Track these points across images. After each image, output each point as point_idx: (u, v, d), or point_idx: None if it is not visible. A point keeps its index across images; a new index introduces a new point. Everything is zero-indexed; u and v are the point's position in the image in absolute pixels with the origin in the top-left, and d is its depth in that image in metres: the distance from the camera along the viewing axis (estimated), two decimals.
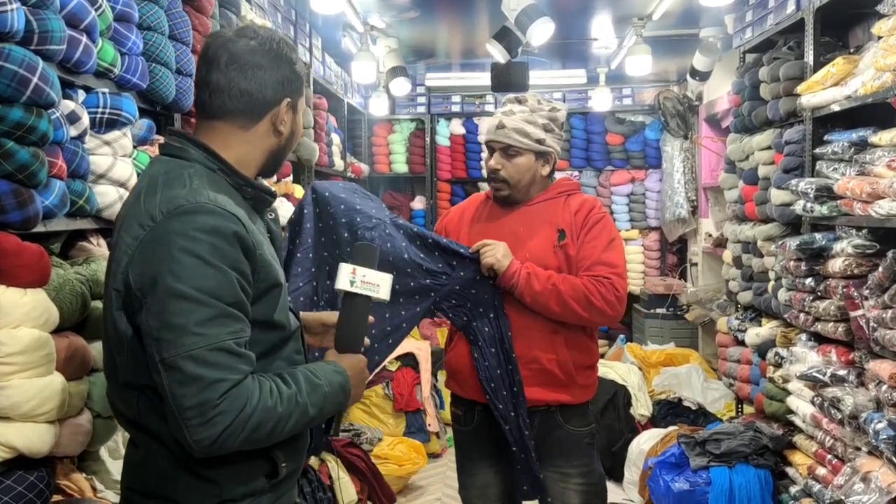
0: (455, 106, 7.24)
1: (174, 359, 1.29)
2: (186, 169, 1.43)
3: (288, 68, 1.51)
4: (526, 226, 2.41)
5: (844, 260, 2.86)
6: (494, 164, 2.39)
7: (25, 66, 1.68)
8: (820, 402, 3.02)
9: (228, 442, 1.31)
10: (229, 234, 1.34)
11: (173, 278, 1.29)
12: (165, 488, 1.42)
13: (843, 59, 3.08)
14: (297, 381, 1.43)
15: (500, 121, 2.38)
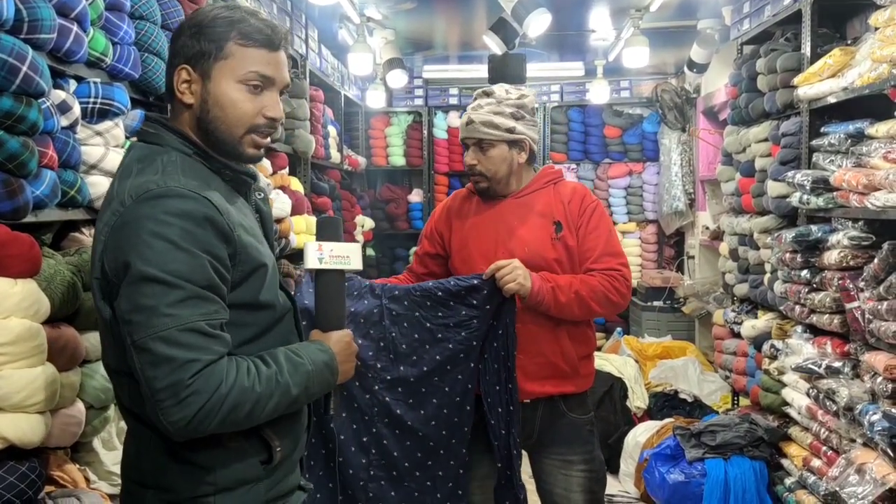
0: (453, 98, 7.22)
1: (144, 340, 1.27)
2: (160, 155, 1.41)
3: (184, 36, 1.43)
4: (519, 218, 2.40)
5: (840, 252, 2.86)
6: (470, 160, 2.38)
7: (15, 55, 1.67)
8: (815, 393, 3.02)
9: (205, 423, 1.30)
10: (200, 217, 1.32)
11: (143, 262, 1.28)
12: (160, 477, 1.41)
13: (840, 51, 3.08)
14: (278, 361, 1.41)
15: (468, 117, 2.38)
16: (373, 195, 7.28)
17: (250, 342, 1.43)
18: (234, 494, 1.42)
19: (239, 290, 1.39)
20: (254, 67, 1.42)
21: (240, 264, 1.39)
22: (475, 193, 2.49)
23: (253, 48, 1.42)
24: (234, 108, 1.42)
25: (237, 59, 1.41)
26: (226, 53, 1.41)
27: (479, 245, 2.40)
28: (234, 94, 1.42)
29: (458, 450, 2.24)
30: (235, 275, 1.38)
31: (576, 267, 2.37)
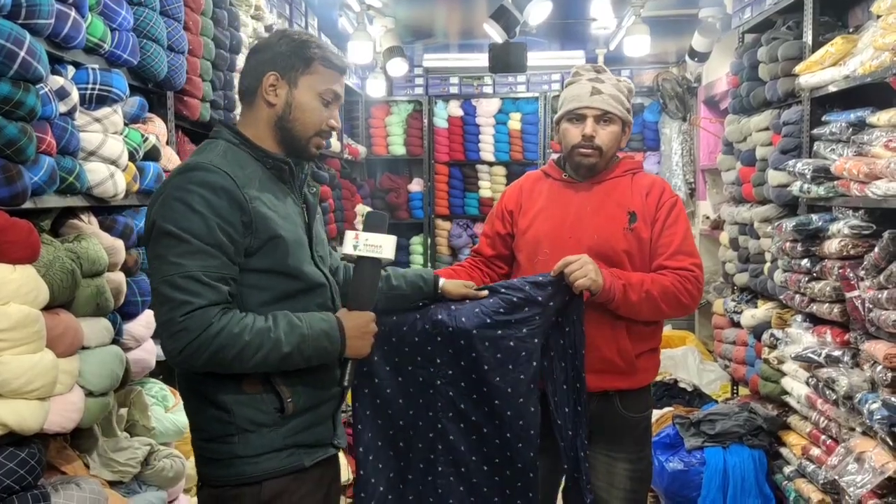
0: (453, 87, 7.20)
1: (156, 284, 1.58)
2: (210, 144, 1.72)
3: (279, 49, 1.72)
4: (593, 206, 2.31)
5: (841, 241, 2.85)
6: (590, 131, 2.25)
7: (13, 40, 1.66)
8: (815, 382, 3.02)
9: (194, 357, 1.55)
10: (217, 187, 1.58)
11: (163, 220, 1.57)
12: (196, 418, 1.72)
13: (842, 39, 3.06)
14: (276, 319, 1.63)
15: (592, 87, 2.26)
16: (373, 184, 7.27)
17: (273, 303, 1.67)
18: (253, 436, 1.66)
19: (257, 255, 1.64)
20: (330, 85, 1.76)
21: (256, 232, 1.63)
22: (549, 176, 2.41)
23: (332, 71, 1.76)
24: (311, 114, 1.74)
25: (319, 76, 1.74)
26: (312, 70, 1.73)
27: (546, 228, 2.32)
28: (312, 103, 1.74)
29: (526, 454, 2.10)
30: (253, 241, 1.63)
31: (645, 260, 2.29)
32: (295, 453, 1.70)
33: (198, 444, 1.73)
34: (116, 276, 2.23)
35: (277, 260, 1.67)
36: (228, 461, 1.66)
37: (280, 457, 1.68)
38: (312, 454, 1.74)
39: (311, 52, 1.73)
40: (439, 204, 7.34)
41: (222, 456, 1.67)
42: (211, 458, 1.69)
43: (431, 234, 7.38)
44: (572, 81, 2.34)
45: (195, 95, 2.90)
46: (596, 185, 2.34)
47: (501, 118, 7.14)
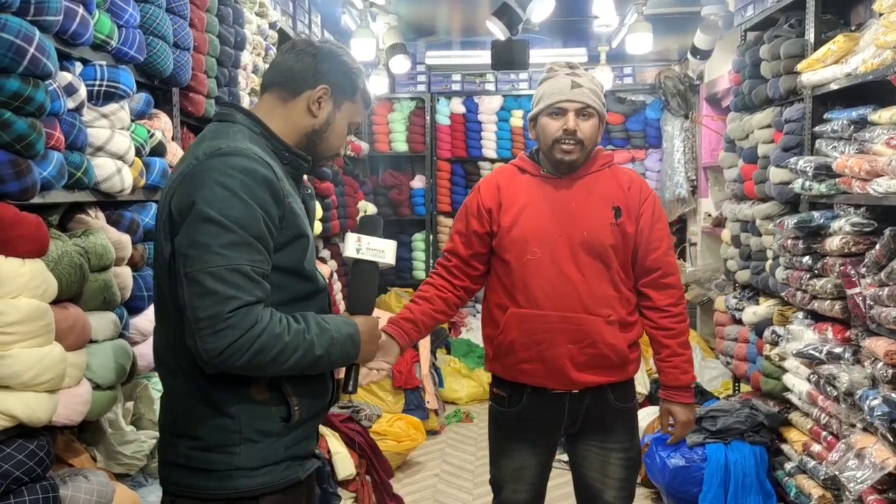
0: (455, 85, 7.21)
1: (196, 273, 1.45)
2: (231, 128, 1.64)
3: (337, 67, 1.72)
4: (578, 201, 2.30)
5: (842, 238, 2.86)
6: (572, 125, 2.23)
7: (22, 37, 1.68)
8: (816, 379, 3.04)
9: (235, 357, 1.46)
10: (259, 176, 1.52)
11: (206, 204, 1.47)
12: (192, 427, 1.58)
13: (844, 37, 3.07)
14: (307, 321, 1.57)
15: (572, 80, 2.25)
16: (375, 181, 7.29)
17: (286, 304, 1.60)
18: (257, 447, 1.58)
19: (281, 253, 1.58)
20: (359, 119, 1.81)
21: (286, 228, 1.58)
22: (525, 172, 2.38)
23: (364, 105, 1.81)
24: (339, 139, 1.78)
25: (356, 107, 1.78)
26: (353, 100, 1.77)
27: (533, 225, 2.30)
28: (344, 129, 1.78)
29: None
30: (281, 237, 1.57)
31: (629, 253, 2.32)
32: (291, 466, 1.64)
33: (189, 453, 1.58)
34: (123, 271, 2.25)
35: (298, 260, 1.62)
36: (225, 473, 1.56)
37: (278, 469, 1.61)
38: (305, 466, 1.69)
39: (359, 84, 1.77)
40: (441, 201, 7.36)
41: (219, 467, 1.56)
42: (204, 468, 1.57)
43: (433, 231, 7.39)
44: (548, 77, 2.32)
45: (200, 92, 2.92)
46: (577, 180, 2.33)
47: (503, 115, 7.15)
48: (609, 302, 2.29)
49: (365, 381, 4.79)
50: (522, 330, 2.29)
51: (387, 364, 2.37)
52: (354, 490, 3.48)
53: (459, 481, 4.33)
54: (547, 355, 2.28)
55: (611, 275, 2.29)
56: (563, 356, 2.27)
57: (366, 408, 4.40)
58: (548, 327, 2.27)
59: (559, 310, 2.26)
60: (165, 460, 1.64)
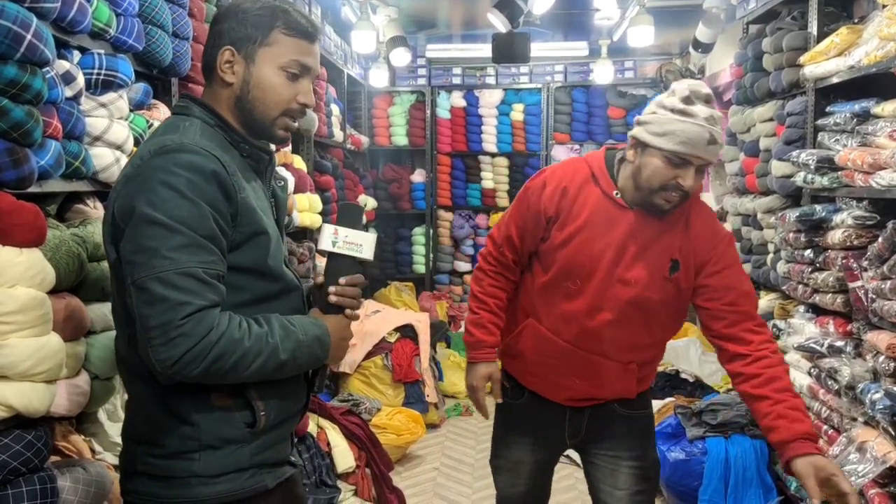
0: (456, 78, 7.19)
1: (143, 280, 1.35)
2: (184, 121, 1.51)
3: (235, 20, 1.52)
4: (638, 245, 2.05)
5: (844, 231, 2.85)
6: (689, 184, 1.96)
7: (19, 23, 1.66)
8: (817, 373, 3.03)
9: (191, 366, 1.36)
10: (207, 171, 1.40)
11: (150, 206, 1.36)
12: (151, 433, 1.50)
13: (847, 29, 3.05)
14: (270, 323, 1.46)
15: (711, 133, 1.93)
16: (375, 175, 7.27)
17: (247, 306, 1.49)
18: (218, 454, 1.49)
19: (239, 252, 1.47)
20: (295, 56, 1.53)
21: (240, 225, 1.46)
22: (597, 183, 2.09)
23: (295, 38, 1.53)
24: (273, 92, 1.53)
25: (280, 46, 1.52)
26: (270, 41, 1.51)
27: (583, 255, 2.06)
28: (274, 79, 1.52)
29: None
30: (236, 235, 1.45)
31: (681, 306, 2.12)
32: (258, 473, 1.54)
33: (147, 459, 1.50)
34: None
35: (258, 258, 1.50)
36: (184, 480, 1.48)
37: (242, 478, 1.51)
38: (275, 473, 1.59)
39: (267, 20, 1.52)
40: (441, 195, 7.34)
41: (177, 474, 1.48)
42: (163, 476, 1.49)
43: (433, 225, 7.38)
44: (686, 113, 1.94)
45: (200, 82, 2.90)
46: (647, 218, 2.05)
47: (504, 109, 7.14)
48: (635, 349, 2.14)
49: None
50: (535, 345, 2.19)
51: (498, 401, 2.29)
52: (354, 483, 3.47)
53: (459, 475, 4.32)
54: (551, 379, 2.21)
55: (648, 325, 2.11)
56: (567, 386, 2.19)
57: (365, 401, 4.40)
58: (560, 356, 2.15)
59: (577, 346, 2.12)
60: (125, 469, 1.55)
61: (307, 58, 1.55)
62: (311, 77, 1.58)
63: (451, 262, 7.36)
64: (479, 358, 2.25)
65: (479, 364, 2.25)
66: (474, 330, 2.26)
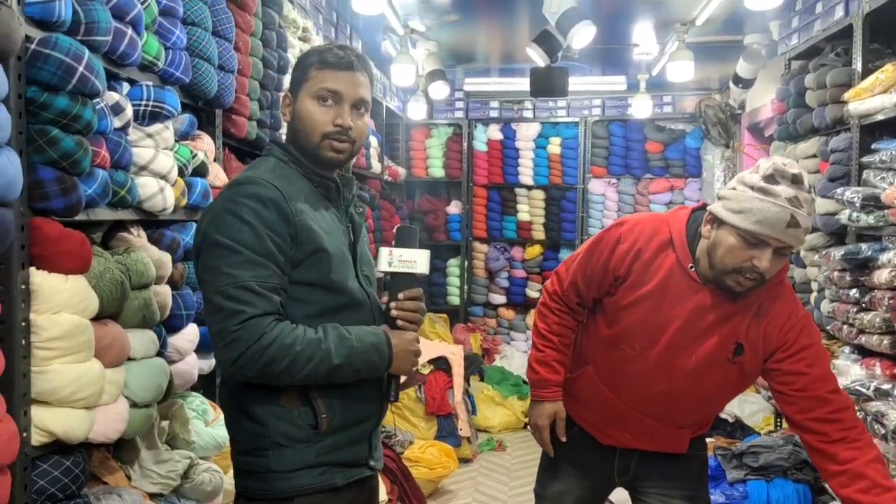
0: (493, 111, 7.22)
1: (209, 294, 1.60)
2: (262, 160, 1.78)
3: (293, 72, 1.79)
4: (706, 323, 1.97)
5: (891, 271, 2.78)
6: (766, 266, 1.85)
7: (72, 55, 1.71)
8: (863, 416, 2.94)
9: (247, 367, 1.57)
10: (266, 199, 1.62)
11: (216, 231, 1.60)
12: (233, 431, 1.75)
13: (893, 66, 3.01)
14: (326, 331, 1.64)
15: (792, 215, 1.81)
16: (412, 206, 7.30)
17: (316, 317, 1.67)
18: (287, 451, 1.67)
19: (301, 267, 1.66)
20: (324, 84, 1.72)
21: (301, 244, 1.65)
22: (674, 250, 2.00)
23: (326, 70, 1.72)
24: (310, 119, 1.73)
25: (314, 80, 1.73)
26: (307, 77, 1.74)
27: (648, 323, 2.01)
28: (310, 107, 1.73)
29: None
30: (298, 253, 1.65)
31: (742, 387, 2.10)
32: (328, 471, 1.69)
33: (235, 456, 1.75)
34: (163, 289, 2.26)
35: (322, 273, 1.68)
36: (263, 475, 1.68)
37: (312, 474, 1.68)
38: (346, 473, 1.73)
39: (307, 61, 1.75)
40: (477, 227, 7.35)
41: (257, 469, 1.68)
42: (247, 470, 1.71)
43: (468, 257, 7.37)
44: (767, 192, 1.82)
45: (243, 114, 2.95)
46: (719, 296, 1.96)
47: (541, 142, 7.14)
48: (689, 418, 2.12)
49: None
50: (590, 394, 2.17)
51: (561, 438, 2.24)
52: None
53: None
54: (603, 428, 2.19)
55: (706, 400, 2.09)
56: (616, 437, 2.18)
57: (398, 433, 4.37)
58: (613, 411, 2.14)
59: (631, 407, 2.11)
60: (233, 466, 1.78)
61: (337, 84, 1.71)
62: (348, 102, 1.72)
63: (485, 294, 7.33)
64: (545, 397, 2.22)
65: (545, 403, 2.22)
66: (539, 368, 2.22)
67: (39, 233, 1.72)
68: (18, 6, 1.65)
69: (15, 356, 1.67)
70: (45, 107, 1.69)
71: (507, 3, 4.62)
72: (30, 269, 1.71)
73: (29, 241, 1.71)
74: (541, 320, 2.24)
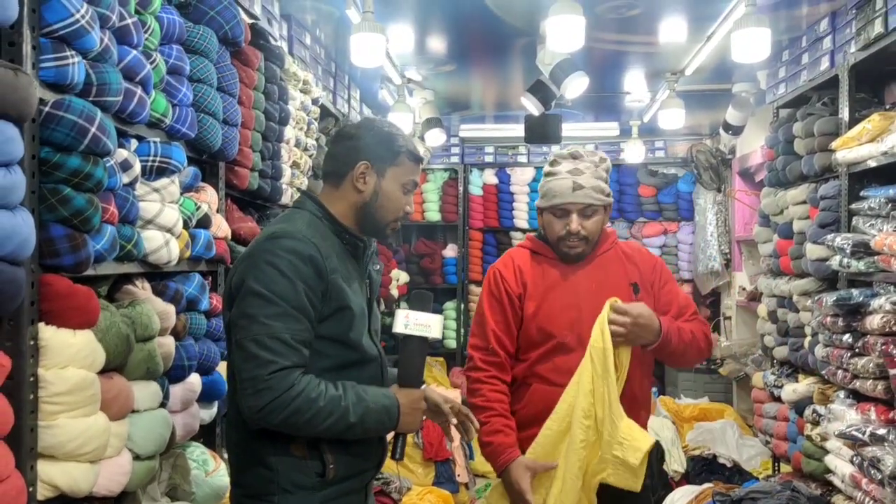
0: (488, 156, 7.32)
1: (242, 340, 1.68)
2: (296, 213, 1.88)
3: (372, 139, 1.87)
4: (597, 282, 2.35)
5: (883, 317, 2.82)
6: (575, 227, 2.29)
7: (84, 117, 1.76)
8: (859, 461, 2.95)
9: (273, 415, 1.65)
10: (305, 255, 1.72)
11: (255, 281, 1.70)
12: (242, 476, 1.81)
13: (880, 116, 3.09)
14: (345, 389, 1.73)
15: (573, 181, 2.29)
16: (408, 249, 7.36)
17: (330, 371, 1.76)
18: (293, 497, 1.75)
19: (326, 323, 1.75)
20: (412, 177, 1.92)
21: (329, 300, 1.75)
22: (539, 254, 2.42)
23: (413, 163, 1.92)
24: (395, 203, 1.90)
25: (406, 169, 1.90)
26: (399, 163, 1.89)
27: (560, 310, 2.33)
28: (397, 193, 1.90)
29: None
30: (325, 309, 1.74)
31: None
32: None
33: (238, 499, 1.82)
34: (166, 341, 2.28)
35: (343, 330, 1.78)
36: None
37: None
38: None
39: (399, 146, 1.89)
40: (473, 270, 7.39)
41: None
42: None
43: (465, 300, 7.40)
44: (552, 173, 2.35)
45: (245, 165, 3.00)
46: (592, 260, 2.39)
47: (535, 186, 7.21)
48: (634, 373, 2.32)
49: None
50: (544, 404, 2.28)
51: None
52: None
53: None
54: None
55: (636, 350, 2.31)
56: None
57: (396, 480, 4.35)
58: None
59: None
60: None
61: (418, 177, 1.95)
62: (415, 191, 1.95)
63: None
64: (508, 460, 2.26)
65: (511, 467, 2.25)
66: (491, 438, 2.29)
67: (49, 289, 1.75)
68: (33, 70, 1.71)
69: (23, 411, 1.69)
70: (57, 167, 1.73)
71: (500, 54, 4.73)
72: (39, 324, 1.74)
73: (38, 298, 1.74)
74: (472, 396, 2.35)
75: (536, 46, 4.33)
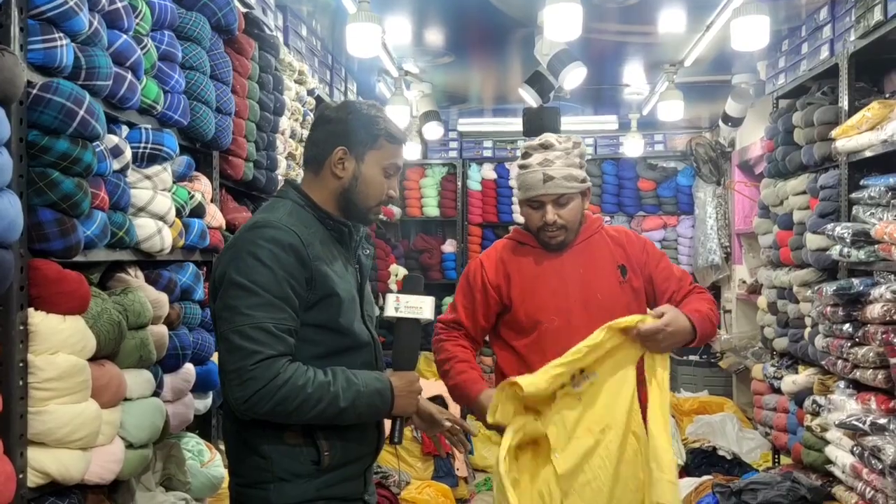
0: (487, 151, 7.30)
1: (226, 332, 1.66)
2: (279, 202, 1.85)
3: (350, 123, 1.83)
4: (583, 266, 2.38)
5: (883, 305, 2.81)
6: (550, 217, 2.31)
7: (73, 100, 1.74)
8: (860, 451, 2.94)
9: (260, 405, 1.63)
10: (286, 244, 1.70)
11: (236, 272, 1.68)
12: (237, 465, 1.81)
13: (879, 104, 3.07)
14: (335, 374, 1.71)
15: (543, 173, 2.30)
16: (407, 245, 7.33)
17: (322, 358, 1.74)
18: (288, 486, 1.73)
19: (314, 310, 1.74)
20: (393, 160, 1.87)
21: (315, 288, 1.73)
22: (525, 244, 2.44)
23: (394, 145, 1.87)
24: (376, 188, 1.86)
25: (384, 151, 1.85)
26: (378, 146, 1.85)
27: (547, 297, 2.35)
28: (378, 177, 1.86)
29: None
30: (310, 296, 1.73)
31: (642, 308, 2.35)
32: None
33: (235, 488, 1.81)
34: (159, 329, 2.26)
35: (331, 316, 1.76)
36: None
37: None
38: None
39: (378, 128, 1.85)
40: None
41: (256, 502, 1.75)
42: (245, 502, 1.78)
43: None
44: (524, 166, 2.36)
45: (239, 155, 2.98)
46: (578, 245, 2.41)
47: None
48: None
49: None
50: None
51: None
52: None
53: None
54: None
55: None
56: None
57: (394, 473, 4.33)
58: None
59: None
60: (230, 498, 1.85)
61: (399, 160, 1.90)
62: (398, 174, 1.91)
63: None
64: (478, 391, 2.29)
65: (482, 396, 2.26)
66: (456, 380, 2.34)
67: (38, 274, 1.73)
68: (21, 52, 1.69)
69: (12, 397, 1.67)
70: (45, 150, 1.72)
71: (499, 45, 4.70)
72: (28, 309, 1.72)
73: (28, 282, 1.72)
74: (438, 353, 2.43)
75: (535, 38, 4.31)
